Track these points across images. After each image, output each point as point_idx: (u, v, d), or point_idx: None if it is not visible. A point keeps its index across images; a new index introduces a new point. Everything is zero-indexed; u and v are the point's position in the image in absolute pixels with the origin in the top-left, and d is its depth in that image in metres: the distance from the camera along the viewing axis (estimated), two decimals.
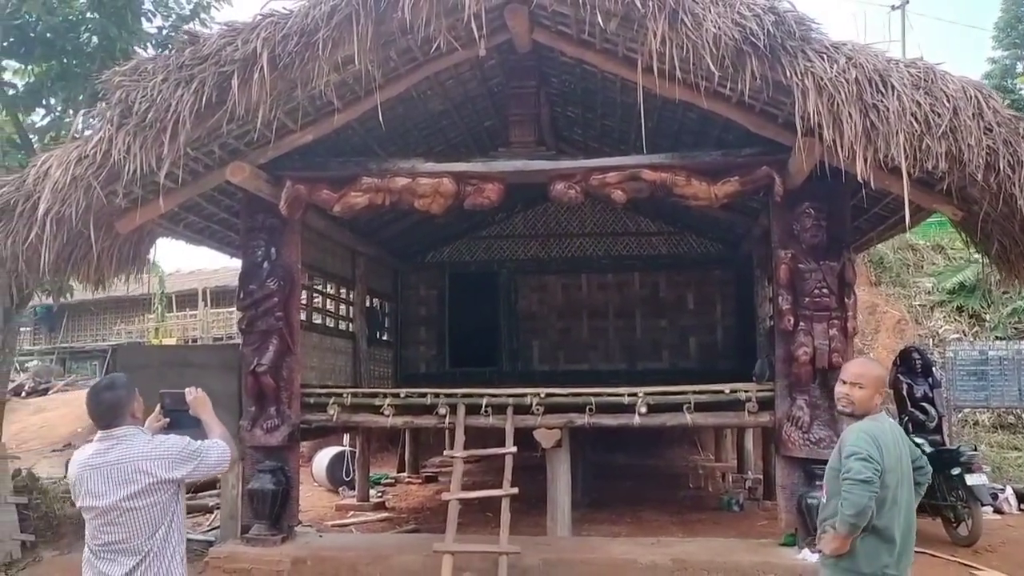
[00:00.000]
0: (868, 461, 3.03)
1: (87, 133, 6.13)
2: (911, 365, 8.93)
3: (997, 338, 13.62)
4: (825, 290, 6.42)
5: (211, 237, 8.01)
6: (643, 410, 6.75)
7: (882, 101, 5.16)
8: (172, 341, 21.00)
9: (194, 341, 21.24)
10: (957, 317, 14.55)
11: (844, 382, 3.56)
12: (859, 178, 5.29)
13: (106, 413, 2.98)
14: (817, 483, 6.35)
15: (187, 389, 3.38)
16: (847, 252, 6.59)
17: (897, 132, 5.12)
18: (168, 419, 3.33)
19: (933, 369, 9.08)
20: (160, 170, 5.82)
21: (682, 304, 11.38)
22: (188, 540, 7.65)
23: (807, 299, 6.43)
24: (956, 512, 7.40)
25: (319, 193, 6.75)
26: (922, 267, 16.09)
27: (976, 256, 15.54)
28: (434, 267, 11.84)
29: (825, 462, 6.43)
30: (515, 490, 6.31)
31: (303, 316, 8.02)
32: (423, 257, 11.81)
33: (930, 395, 8.82)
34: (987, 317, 14.48)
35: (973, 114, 5.20)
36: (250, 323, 6.93)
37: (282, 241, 7.05)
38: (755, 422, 6.83)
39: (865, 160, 5.25)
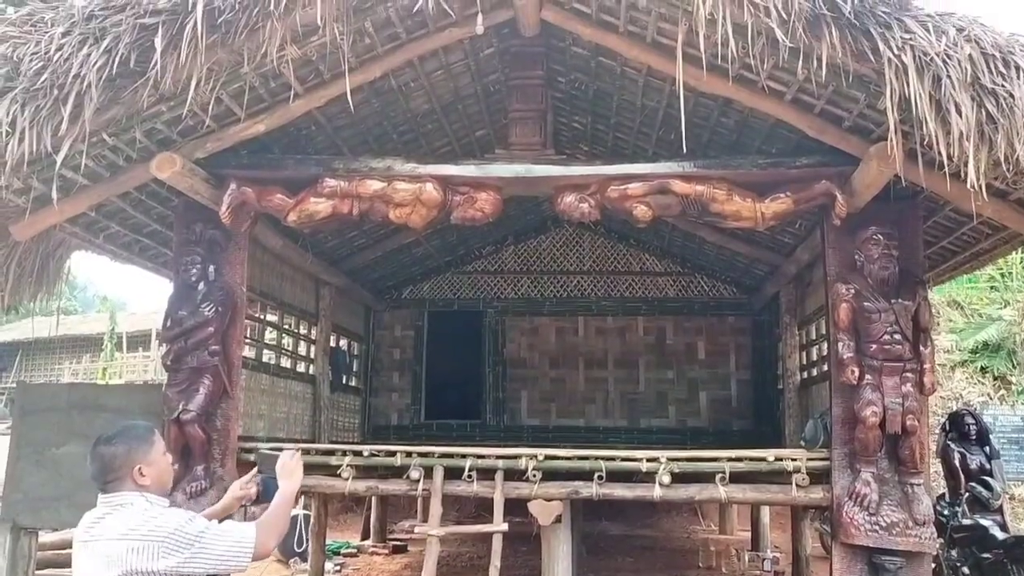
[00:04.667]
0: None
1: None
2: (964, 431, 7.68)
3: None
4: (897, 335, 5.19)
5: (141, 254, 6.60)
6: (665, 479, 5.45)
7: (1004, 86, 3.97)
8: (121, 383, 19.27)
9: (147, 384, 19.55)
10: (981, 379, 13.35)
11: None
12: (970, 186, 4.06)
13: (99, 473, 2.41)
14: None
15: (286, 451, 2.89)
16: (923, 289, 5.37)
17: None
18: (259, 487, 2.87)
19: (990, 436, 7.81)
20: (58, 155, 4.49)
21: (691, 354, 10.04)
22: None
23: (875, 346, 5.19)
24: None
25: (271, 198, 5.43)
26: (938, 324, 14.91)
27: (1000, 313, 14.69)
28: (411, 304, 10.45)
29: (897, 553, 5.25)
30: None
31: (251, 353, 6.65)
32: (399, 292, 10.43)
33: (987, 467, 7.55)
34: (1013, 380, 13.29)
35: None
36: (177, 358, 5.53)
37: (223, 258, 5.70)
38: (807, 499, 5.47)
39: (977, 164, 4.04)
